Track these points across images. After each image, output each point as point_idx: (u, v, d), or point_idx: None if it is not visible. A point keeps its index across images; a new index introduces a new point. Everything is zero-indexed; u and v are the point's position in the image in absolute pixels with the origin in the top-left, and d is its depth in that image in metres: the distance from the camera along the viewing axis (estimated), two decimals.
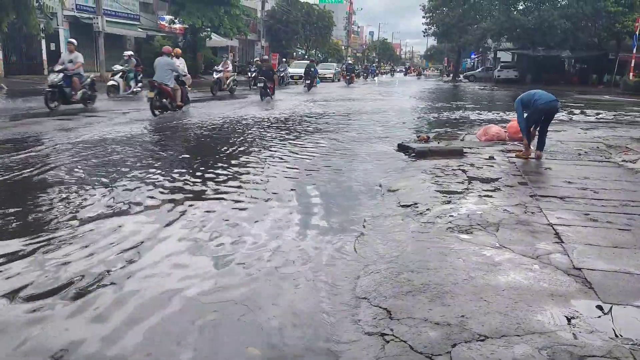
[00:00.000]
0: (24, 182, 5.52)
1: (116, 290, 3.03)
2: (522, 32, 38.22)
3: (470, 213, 4.56)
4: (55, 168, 6.14)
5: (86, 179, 5.65)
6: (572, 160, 7.42)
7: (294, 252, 3.74)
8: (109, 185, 5.43)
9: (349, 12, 72.65)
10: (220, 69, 20.24)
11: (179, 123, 10.86)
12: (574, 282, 3.13)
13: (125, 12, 29.07)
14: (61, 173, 5.91)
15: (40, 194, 5.03)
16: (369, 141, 9.42)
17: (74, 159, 6.72)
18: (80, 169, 6.14)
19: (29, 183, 5.48)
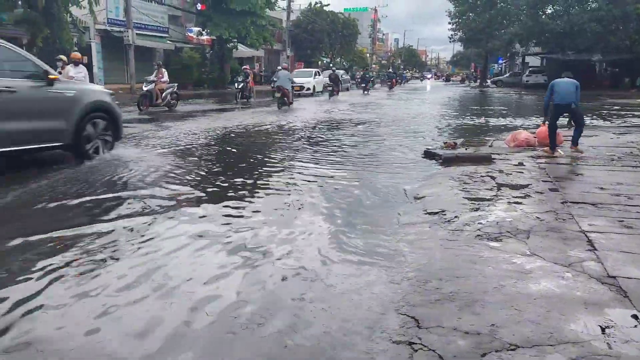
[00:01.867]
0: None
1: None
2: (551, 36, 37.59)
3: (499, 220, 4.49)
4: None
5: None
6: (605, 165, 7.24)
7: (319, 259, 3.74)
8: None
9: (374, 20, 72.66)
10: (152, 79, 16.03)
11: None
12: (608, 291, 3.05)
13: (155, 25, 29.73)
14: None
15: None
16: (394, 149, 9.39)
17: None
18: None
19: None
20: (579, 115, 8.19)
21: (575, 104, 7.89)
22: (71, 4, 19.60)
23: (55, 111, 6.64)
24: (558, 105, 8.02)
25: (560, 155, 7.98)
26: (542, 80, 40.71)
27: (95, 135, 7.16)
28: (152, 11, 29.56)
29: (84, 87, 7.63)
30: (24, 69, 6.43)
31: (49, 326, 2.70)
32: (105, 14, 25.90)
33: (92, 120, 7.07)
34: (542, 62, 46.04)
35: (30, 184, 5.73)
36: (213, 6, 29.04)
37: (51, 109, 6.61)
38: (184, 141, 9.57)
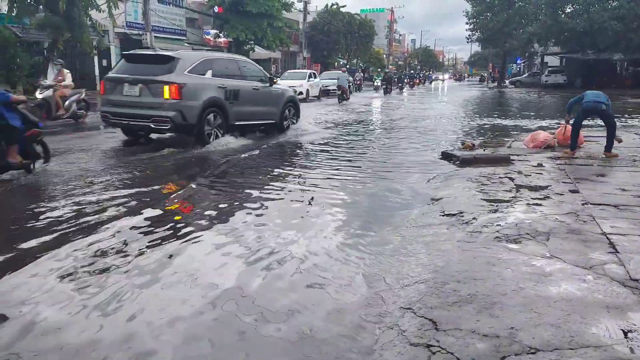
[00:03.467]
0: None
1: None
2: (570, 35, 37.03)
3: (518, 222, 4.43)
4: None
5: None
6: (627, 166, 7.11)
7: (336, 260, 3.73)
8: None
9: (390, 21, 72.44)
10: (47, 84, 11.89)
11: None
12: (631, 294, 2.99)
13: (173, 27, 30.05)
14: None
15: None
16: (411, 149, 9.34)
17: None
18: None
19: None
20: (610, 116, 7.78)
21: (605, 104, 7.63)
22: (91, 8, 19.89)
23: (273, 101, 10.74)
24: (587, 105, 7.74)
25: (608, 155, 7.74)
26: (562, 81, 40.18)
27: (288, 116, 11.31)
28: (170, 14, 29.89)
29: (285, 88, 11.92)
30: (260, 76, 10.55)
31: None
32: (124, 18, 26.27)
33: (287, 107, 11.21)
34: (561, 61, 45.40)
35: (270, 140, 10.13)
36: (230, 9, 29.30)
37: (272, 100, 10.69)
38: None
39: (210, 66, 9.23)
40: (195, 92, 8.62)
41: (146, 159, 7.77)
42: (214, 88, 9.00)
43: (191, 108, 8.49)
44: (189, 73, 8.71)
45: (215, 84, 9.05)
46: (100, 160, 7.62)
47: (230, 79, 9.50)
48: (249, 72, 10.28)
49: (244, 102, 9.64)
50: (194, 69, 8.85)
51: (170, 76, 8.43)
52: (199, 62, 9.06)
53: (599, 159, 7.68)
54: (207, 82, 8.93)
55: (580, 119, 8.04)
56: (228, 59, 10.39)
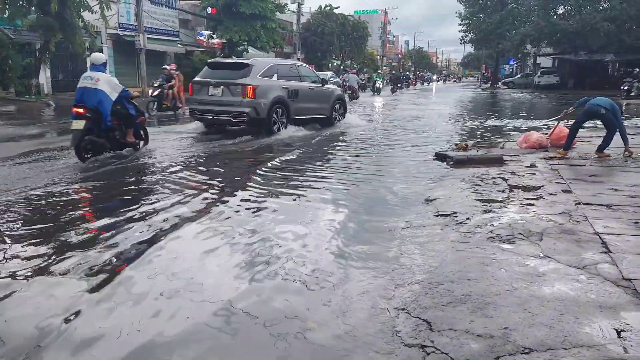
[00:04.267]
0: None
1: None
2: (563, 36, 37.25)
3: (512, 222, 4.44)
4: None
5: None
6: (619, 166, 7.16)
7: (329, 261, 3.73)
8: None
9: (384, 22, 72.41)
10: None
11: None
12: (624, 294, 3.00)
13: (165, 29, 29.96)
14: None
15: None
16: (405, 150, 9.36)
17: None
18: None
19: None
20: (610, 121, 7.76)
21: (605, 109, 7.68)
22: (83, 9, 19.81)
23: (325, 99, 12.74)
24: (589, 107, 7.88)
25: (600, 155, 7.79)
26: (554, 81, 40.41)
27: (337, 112, 13.32)
28: (163, 15, 29.80)
29: (335, 87, 14.23)
30: (314, 78, 12.62)
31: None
32: (117, 19, 26.16)
33: (336, 104, 13.21)
34: (553, 62, 45.65)
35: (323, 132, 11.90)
36: (223, 10, 29.23)
37: (324, 98, 12.71)
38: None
39: (276, 70, 11.21)
40: (265, 91, 10.61)
41: (230, 144, 9.82)
42: (280, 88, 10.98)
43: (263, 105, 10.52)
44: (260, 77, 10.69)
45: (280, 85, 11.03)
46: (195, 144, 9.85)
47: (291, 80, 11.51)
48: (306, 75, 12.39)
49: (302, 99, 11.67)
50: (264, 73, 10.83)
51: (246, 79, 10.43)
52: (268, 67, 11.10)
53: (592, 159, 7.72)
54: (274, 83, 10.92)
55: (581, 120, 8.12)
56: (289, 64, 12.76)
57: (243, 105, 10.36)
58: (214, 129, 11.53)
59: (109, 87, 7.54)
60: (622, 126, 7.81)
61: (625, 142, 7.79)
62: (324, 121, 12.70)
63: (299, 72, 12.21)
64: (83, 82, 7.48)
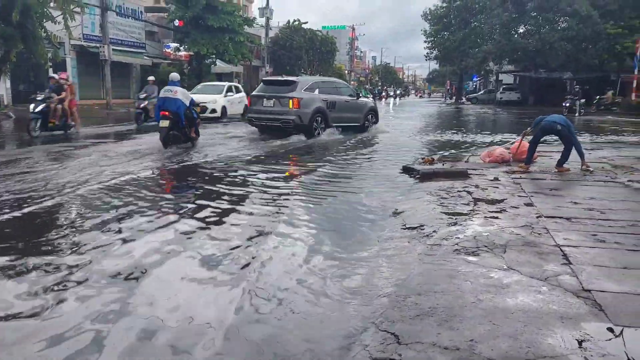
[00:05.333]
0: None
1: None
2: (523, 54, 38.54)
3: (476, 235, 4.53)
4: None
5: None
6: (578, 180, 7.39)
7: (297, 275, 3.71)
8: None
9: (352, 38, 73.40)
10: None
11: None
12: (584, 304, 3.09)
13: (131, 40, 29.57)
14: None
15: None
16: (373, 164, 9.44)
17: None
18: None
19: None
20: (567, 137, 8.11)
21: (560, 125, 7.98)
22: (46, 20, 19.35)
23: (359, 109, 15.25)
24: (545, 124, 8.19)
25: (560, 170, 8.07)
26: (516, 98, 41.69)
27: (370, 121, 15.67)
28: (129, 27, 29.42)
29: (367, 100, 17.03)
30: (350, 92, 15.37)
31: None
32: (81, 30, 25.68)
33: (369, 114, 15.69)
34: (515, 79, 47.06)
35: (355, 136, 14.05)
36: (191, 22, 29.05)
37: (358, 108, 15.22)
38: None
39: (317, 86, 13.95)
40: (308, 103, 13.16)
41: (279, 144, 12.00)
42: (319, 100, 13.54)
43: (306, 114, 13.06)
44: (304, 91, 13.33)
45: (320, 97, 13.62)
46: (252, 143, 12.27)
47: (329, 94, 14.09)
48: (343, 90, 15.18)
49: (339, 109, 14.17)
50: (307, 88, 13.49)
51: (293, 93, 13.08)
52: (310, 84, 13.88)
53: (552, 173, 7.96)
54: (315, 96, 13.51)
55: (539, 136, 8.41)
56: (329, 81, 15.92)
57: (290, 114, 12.99)
58: (265, 132, 13.93)
59: (184, 97, 10.50)
60: (578, 142, 8.14)
61: (582, 157, 8.10)
62: (358, 128, 15.10)
63: (337, 87, 15.05)
64: (164, 94, 10.51)
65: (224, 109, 19.87)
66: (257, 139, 13.01)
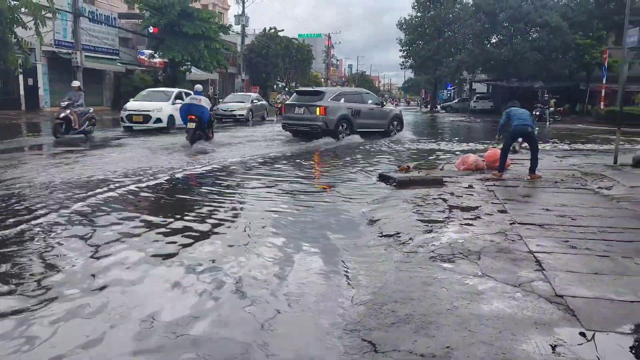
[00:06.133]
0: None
1: None
2: (496, 64, 39.30)
3: (452, 242, 4.57)
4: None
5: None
6: (549, 187, 7.54)
7: (274, 284, 3.69)
8: None
9: (328, 46, 73.92)
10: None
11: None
12: (557, 310, 3.14)
13: (105, 47, 29.18)
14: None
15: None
16: (349, 172, 9.47)
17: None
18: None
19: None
20: (535, 140, 8.39)
21: (532, 127, 8.20)
22: (16, 25, 18.98)
23: (383, 116, 16.82)
24: (516, 128, 8.23)
25: (532, 177, 8.21)
26: (489, 106, 42.48)
27: (394, 127, 17.25)
28: (102, 33, 29.04)
29: (392, 108, 19.14)
30: (376, 101, 17.26)
31: None
32: (53, 35, 25.24)
33: (394, 121, 17.27)
34: (488, 88, 47.98)
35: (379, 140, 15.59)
36: (166, 29, 28.85)
37: (382, 116, 16.79)
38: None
39: (343, 96, 15.95)
40: (333, 111, 14.98)
41: (312, 145, 14.02)
42: (345, 108, 15.34)
43: (331, 120, 14.88)
44: (331, 100, 15.22)
45: (345, 106, 15.41)
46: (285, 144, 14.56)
47: (355, 103, 15.87)
48: (368, 99, 16.92)
49: (363, 116, 15.87)
50: (333, 98, 15.42)
51: (321, 102, 14.96)
52: (337, 94, 15.96)
53: (525, 180, 8.10)
54: (340, 105, 15.32)
55: (510, 142, 8.47)
56: (355, 91, 18.60)
57: (317, 120, 14.85)
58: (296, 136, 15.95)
59: (206, 104, 13.28)
60: (538, 146, 8.48)
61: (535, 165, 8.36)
62: (382, 133, 16.60)
63: (362, 97, 16.81)
64: (190, 100, 13.41)
65: (171, 118, 17.45)
66: (292, 141, 15.41)
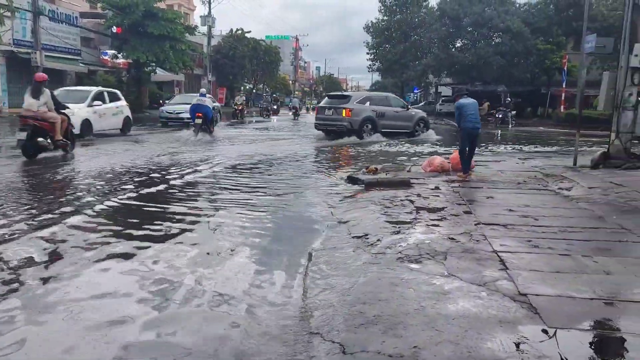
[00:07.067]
0: None
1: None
2: (460, 68, 40.11)
3: (419, 242, 4.62)
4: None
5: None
6: (513, 189, 7.71)
7: (242, 286, 3.65)
8: None
9: (295, 48, 73.89)
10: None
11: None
12: (520, 308, 3.20)
13: (66, 47, 28.41)
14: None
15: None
16: (319, 174, 9.48)
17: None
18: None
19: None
20: (477, 142, 8.94)
21: (480, 127, 8.68)
22: None
23: (408, 119, 18.75)
24: (470, 130, 8.48)
25: (463, 177, 8.48)
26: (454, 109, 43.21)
27: (419, 129, 18.91)
28: (63, 33, 28.26)
29: (418, 111, 20.18)
30: (401, 104, 19.38)
31: None
32: (12, 34, 24.43)
33: (419, 123, 19.11)
34: (453, 92, 48.81)
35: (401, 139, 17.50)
36: (130, 29, 28.29)
37: (407, 118, 18.74)
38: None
39: (369, 99, 18.07)
40: (357, 112, 17.09)
41: (335, 143, 16.31)
42: (369, 110, 17.39)
43: (356, 121, 17.00)
44: (356, 103, 17.37)
45: (370, 108, 17.46)
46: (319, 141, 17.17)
47: (380, 105, 17.86)
48: (394, 102, 18.88)
49: (388, 118, 17.74)
50: (359, 101, 17.56)
51: (346, 105, 17.20)
52: (362, 97, 18.29)
53: (489, 182, 8.26)
54: (365, 107, 17.40)
55: (466, 143, 8.63)
56: (381, 95, 20.68)
57: (343, 120, 17.00)
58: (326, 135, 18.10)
59: (210, 104, 17.25)
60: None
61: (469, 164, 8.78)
62: (408, 133, 18.34)
63: (388, 100, 18.77)
64: (197, 101, 16.76)
65: (87, 123, 14.94)
66: (323, 138, 17.84)
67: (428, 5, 48.90)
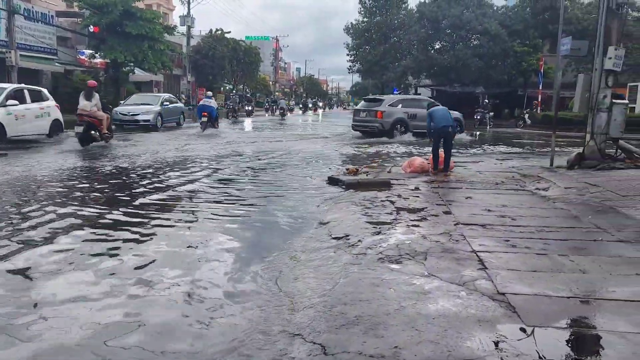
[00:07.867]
0: None
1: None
2: (439, 69, 40.48)
3: (399, 243, 4.65)
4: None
5: None
6: (491, 189, 7.82)
7: (223, 286, 3.64)
8: None
9: (276, 49, 73.67)
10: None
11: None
12: (499, 307, 3.25)
13: (42, 46, 27.86)
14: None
15: None
16: (299, 175, 9.48)
17: None
18: None
19: None
20: (451, 141, 9.25)
21: (452, 127, 8.81)
22: None
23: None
24: (438, 129, 9.02)
25: (445, 176, 8.69)
26: None
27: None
28: (39, 32, 27.66)
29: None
30: (424, 105, 18.29)
31: None
32: None
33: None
34: (432, 93, 49.18)
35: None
36: (107, 29, 27.86)
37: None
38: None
39: (401, 102, 19.58)
40: (389, 114, 18.75)
41: (371, 140, 17.68)
42: (401, 112, 18.99)
43: (387, 122, 18.69)
44: (388, 106, 19.03)
45: (402, 110, 19.04)
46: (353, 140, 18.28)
47: (412, 108, 19.19)
48: (425, 104, 17.73)
49: (419, 119, 17.70)
50: (391, 104, 19.20)
51: (379, 107, 18.92)
52: (395, 100, 19.77)
53: (467, 182, 8.36)
54: (396, 110, 19.05)
55: (437, 143, 9.19)
56: (414, 98, 22.06)
57: (376, 122, 18.79)
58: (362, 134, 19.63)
59: (215, 105, 20.84)
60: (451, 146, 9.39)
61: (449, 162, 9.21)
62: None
63: (421, 103, 19.24)
64: (204, 102, 20.70)
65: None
66: (359, 137, 19.40)
67: (407, 8, 49.23)
